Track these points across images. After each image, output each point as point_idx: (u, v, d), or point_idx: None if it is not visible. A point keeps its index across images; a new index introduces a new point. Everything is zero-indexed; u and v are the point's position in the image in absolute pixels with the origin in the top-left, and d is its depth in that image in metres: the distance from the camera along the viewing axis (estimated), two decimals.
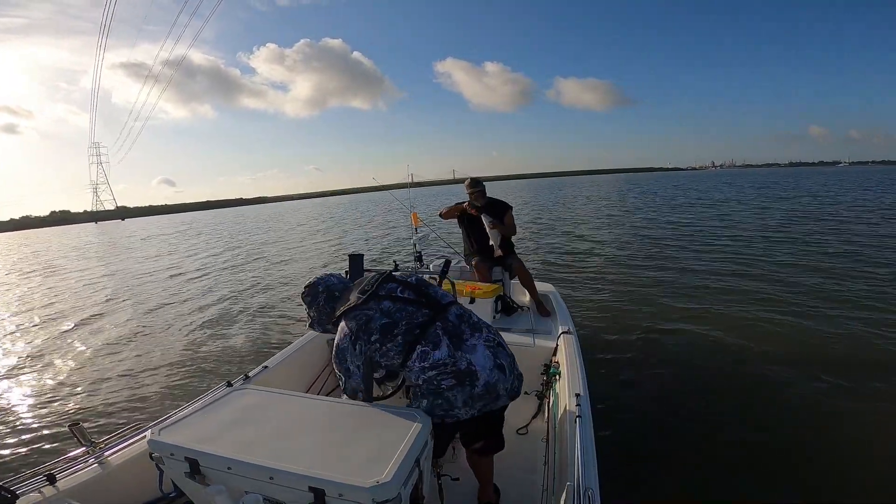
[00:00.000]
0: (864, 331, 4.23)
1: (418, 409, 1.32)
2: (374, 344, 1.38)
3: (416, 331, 1.37)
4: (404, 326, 1.38)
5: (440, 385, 1.30)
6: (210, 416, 1.33)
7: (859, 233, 9.72)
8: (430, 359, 1.33)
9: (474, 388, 1.31)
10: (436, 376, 1.31)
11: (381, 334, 1.38)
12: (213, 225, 34.88)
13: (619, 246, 9.75)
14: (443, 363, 1.32)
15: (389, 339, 1.37)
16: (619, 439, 2.67)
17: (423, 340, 1.35)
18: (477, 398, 1.32)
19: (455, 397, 1.30)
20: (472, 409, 1.33)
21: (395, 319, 1.39)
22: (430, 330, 1.37)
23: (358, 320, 1.42)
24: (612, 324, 4.83)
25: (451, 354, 1.33)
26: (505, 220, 3.44)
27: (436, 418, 1.31)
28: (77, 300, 8.76)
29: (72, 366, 4.91)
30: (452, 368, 1.31)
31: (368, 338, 1.39)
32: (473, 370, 1.32)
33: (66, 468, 1.47)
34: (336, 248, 13.53)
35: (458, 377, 1.31)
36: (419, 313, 1.41)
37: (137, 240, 26.65)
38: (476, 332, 1.42)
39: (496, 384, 1.35)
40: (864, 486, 2.33)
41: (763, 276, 6.50)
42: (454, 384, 1.30)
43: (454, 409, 1.31)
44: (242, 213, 57.67)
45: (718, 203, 19.36)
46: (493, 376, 1.34)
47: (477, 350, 1.37)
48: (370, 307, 1.43)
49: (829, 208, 15.06)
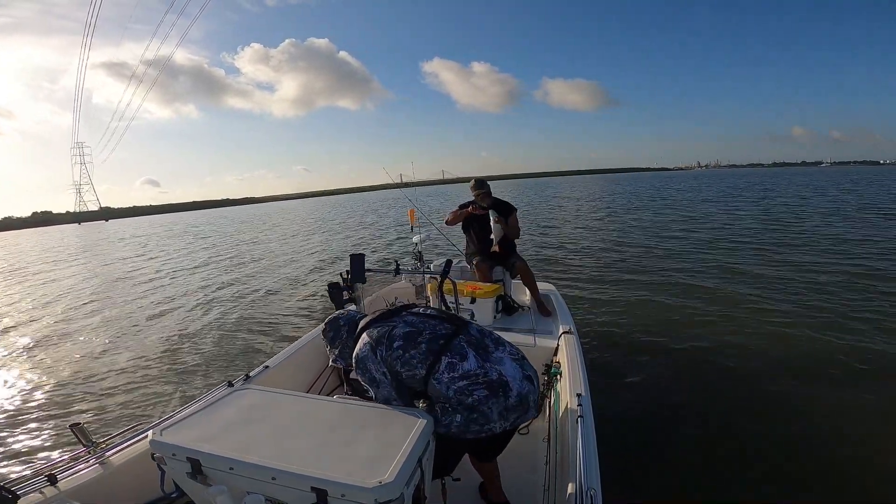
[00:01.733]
0: (866, 331, 4.24)
1: (420, 409, 1.32)
2: (396, 351, 1.35)
3: (440, 341, 1.35)
4: (428, 335, 1.37)
5: (472, 395, 1.27)
6: (212, 416, 1.33)
7: (860, 233, 9.73)
8: (460, 369, 1.30)
9: (508, 398, 1.29)
10: (467, 387, 1.28)
11: (405, 341, 1.36)
12: (209, 225, 34.87)
13: (619, 246, 9.75)
14: (473, 374, 1.29)
15: (413, 346, 1.35)
16: (621, 439, 2.67)
17: (449, 352, 1.33)
18: (511, 409, 1.29)
19: (490, 410, 1.27)
20: (506, 422, 1.30)
21: (419, 328, 1.39)
22: (455, 342, 1.36)
23: (381, 329, 1.41)
24: (612, 323, 4.82)
25: (480, 365, 1.32)
26: (509, 221, 3.43)
27: (471, 434, 1.28)
28: (77, 300, 8.76)
29: (73, 366, 4.90)
30: (484, 379, 1.29)
31: (391, 344, 1.37)
32: (505, 380, 1.30)
33: (68, 468, 1.47)
34: (335, 249, 13.54)
35: (491, 387, 1.28)
36: (442, 326, 1.41)
37: (131, 239, 26.67)
38: (500, 346, 1.42)
39: (528, 395, 1.33)
40: (864, 486, 2.33)
41: (763, 276, 6.50)
42: (487, 395, 1.27)
43: (490, 423, 1.28)
44: (239, 214, 57.81)
45: (716, 203, 19.37)
46: (524, 387, 1.33)
47: (504, 362, 1.35)
48: (393, 320, 1.43)
49: (828, 207, 15.08)
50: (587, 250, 9.40)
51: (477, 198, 3.46)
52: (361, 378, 1.42)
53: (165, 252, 16.74)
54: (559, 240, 11.10)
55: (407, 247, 9.32)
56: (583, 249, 9.51)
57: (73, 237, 38.27)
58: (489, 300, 3.06)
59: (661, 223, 13.39)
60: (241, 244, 16.97)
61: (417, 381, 1.34)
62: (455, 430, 1.28)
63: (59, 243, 30.37)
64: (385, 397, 1.39)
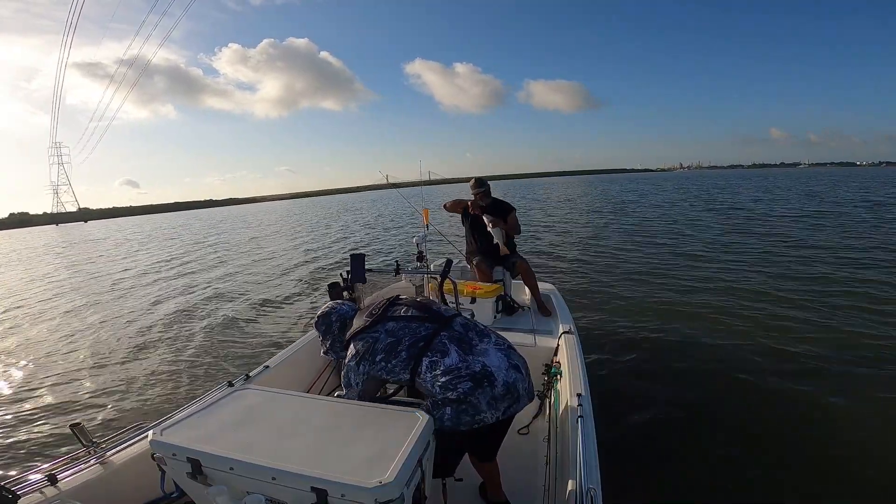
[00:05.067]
0: (868, 331, 4.24)
1: (420, 409, 1.32)
2: (378, 364, 1.42)
3: (420, 343, 1.39)
4: (407, 342, 1.41)
5: (457, 389, 1.29)
6: (212, 416, 1.33)
7: (865, 233, 9.74)
8: (441, 366, 1.33)
9: (494, 388, 1.30)
10: (450, 381, 1.30)
11: (386, 353, 1.42)
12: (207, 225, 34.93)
13: (618, 246, 9.76)
14: (455, 368, 1.32)
15: (394, 357, 1.40)
16: (621, 439, 2.67)
17: (430, 352, 1.36)
18: (500, 399, 1.31)
19: (478, 400, 1.29)
20: (498, 412, 1.31)
21: (399, 337, 1.43)
22: (436, 341, 1.39)
23: (365, 342, 1.47)
24: (612, 323, 4.82)
25: (462, 359, 1.34)
26: (508, 221, 3.43)
27: (464, 426, 1.29)
28: (76, 299, 8.76)
29: (73, 366, 4.90)
30: (466, 371, 1.31)
31: (373, 359, 1.43)
32: (489, 371, 1.32)
33: (68, 468, 1.47)
34: (337, 246, 13.54)
35: (475, 379, 1.30)
36: (422, 328, 1.44)
37: (124, 239, 26.70)
38: (484, 338, 1.44)
39: (515, 383, 1.35)
40: (864, 485, 2.33)
41: (764, 276, 6.50)
42: (472, 386, 1.29)
43: (480, 413, 1.29)
44: (225, 214, 58.16)
45: (712, 204, 19.37)
46: (510, 376, 1.34)
47: (489, 353, 1.37)
48: (376, 330, 1.48)
49: (830, 207, 15.09)
50: (587, 251, 9.40)
51: (476, 196, 3.46)
52: (342, 380, 1.52)
53: (164, 251, 16.74)
54: (559, 240, 11.11)
55: (407, 246, 9.33)
56: (583, 250, 9.51)
57: (58, 237, 38.35)
58: (489, 300, 3.06)
59: (661, 223, 13.40)
60: (240, 244, 16.97)
61: (406, 383, 1.42)
62: (448, 423, 1.30)
63: (46, 242, 30.47)
64: (351, 398, 1.48)
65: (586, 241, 10.73)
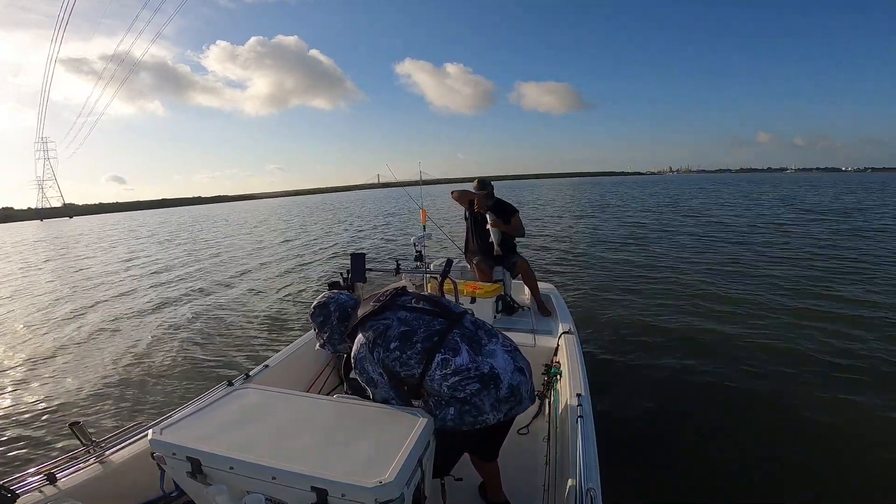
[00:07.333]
0: (869, 332, 4.24)
1: (420, 409, 1.32)
2: (393, 352, 1.35)
3: (434, 338, 1.36)
4: (423, 334, 1.36)
5: (465, 389, 1.29)
6: (211, 415, 1.32)
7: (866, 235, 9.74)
8: (452, 365, 1.31)
9: (499, 390, 1.31)
10: (459, 381, 1.29)
11: (401, 342, 1.36)
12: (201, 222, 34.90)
13: (618, 246, 9.77)
14: (465, 368, 1.31)
15: (409, 347, 1.35)
16: (621, 439, 2.67)
17: (443, 348, 1.34)
18: (503, 401, 1.31)
19: (483, 402, 1.29)
20: (500, 413, 1.31)
21: (414, 327, 1.38)
22: (449, 337, 1.36)
23: (375, 329, 1.40)
24: (612, 323, 4.83)
25: (472, 359, 1.33)
26: (511, 222, 3.43)
27: (466, 426, 1.29)
28: (76, 299, 8.75)
29: (72, 365, 4.90)
30: (476, 373, 1.31)
31: (387, 345, 1.36)
32: (496, 373, 1.32)
33: (67, 467, 1.46)
34: (336, 246, 13.53)
35: (482, 381, 1.30)
36: (436, 322, 1.41)
37: (123, 234, 26.68)
38: (493, 338, 1.42)
39: (519, 387, 1.35)
40: (864, 485, 2.33)
41: (764, 276, 6.51)
42: (479, 388, 1.29)
43: (483, 415, 1.30)
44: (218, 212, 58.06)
45: (710, 206, 19.38)
46: (515, 379, 1.34)
47: (497, 354, 1.37)
48: (386, 316, 1.42)
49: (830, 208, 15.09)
50: (587, 251, 9.41)
51: (479, 198, 3.46)
52: (360, 378, 1.43)
53: (165, 251, 16.73)
54: (558, 240, 11.10)
55: (407, 246, 9.32)
56: (583, 250, 9.52)
57: (46, 233, 38.24)
58: (489, 300, 3.06)
59: (661, 224, 13.40)
60: (239, 243, 16.96)
61: (414, 379, 1.36)
62: (450, 423, 1.30)
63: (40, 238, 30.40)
64: (383, 397, 1.40)
65: (586, 241, 10.74)
